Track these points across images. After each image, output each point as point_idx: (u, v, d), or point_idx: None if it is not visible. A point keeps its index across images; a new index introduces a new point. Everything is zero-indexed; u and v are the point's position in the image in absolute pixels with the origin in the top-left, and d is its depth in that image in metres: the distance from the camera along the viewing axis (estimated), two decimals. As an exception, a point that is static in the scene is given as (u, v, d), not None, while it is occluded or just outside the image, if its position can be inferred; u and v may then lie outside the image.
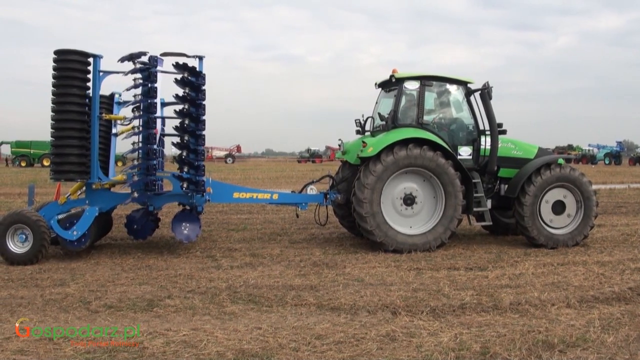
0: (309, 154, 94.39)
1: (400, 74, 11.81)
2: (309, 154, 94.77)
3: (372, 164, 11.03)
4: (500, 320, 6.87)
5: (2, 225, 10.24)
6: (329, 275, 9.17)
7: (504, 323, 6.75)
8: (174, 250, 11.36)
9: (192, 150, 10.77)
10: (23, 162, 67.86)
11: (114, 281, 8.90)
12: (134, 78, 10.61)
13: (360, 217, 11.03)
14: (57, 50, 10.38)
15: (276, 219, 16.20)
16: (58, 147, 10.50)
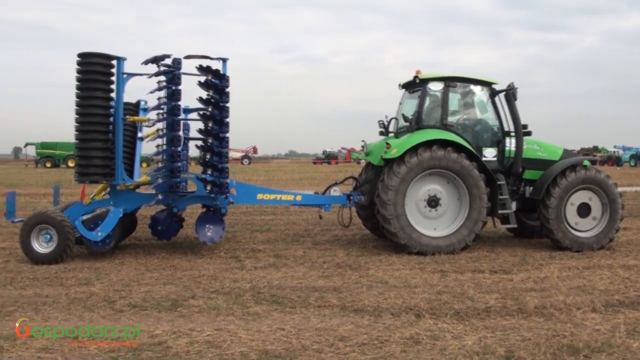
0: (325, 156, 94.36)
1: (424, 75, 11.75)
2: (325, 155, 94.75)
3: (396, 165, 10.98)
4: (525, 324, 6.80)
5: (27, 226, 10.36)
6: (353, 277, 9.14)
7: (528, 327, 6.68)
8: (198, 251, 11.41)
9: (216, 152, 10.80)
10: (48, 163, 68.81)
11: (138, 281, 8.96)
12: (158, 80, 10.67)
13: (384, 219, 10.98)
14: (81, 53, 10.47)
15: (299, 220, 16.19)
16: (83, 149, 10.58)
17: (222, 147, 10.84)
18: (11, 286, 8.74)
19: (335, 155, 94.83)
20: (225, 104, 10.77)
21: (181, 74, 10.56)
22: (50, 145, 70.96)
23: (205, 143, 10.83)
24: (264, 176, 41.53)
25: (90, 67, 10.42)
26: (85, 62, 10.43)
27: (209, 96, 10.72)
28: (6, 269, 9.89)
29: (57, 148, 69.76)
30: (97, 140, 10.51)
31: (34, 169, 64.70)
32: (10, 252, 11.26)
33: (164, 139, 10.74)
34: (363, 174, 12.71)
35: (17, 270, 9.78)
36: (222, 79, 10.72)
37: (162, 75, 10.56)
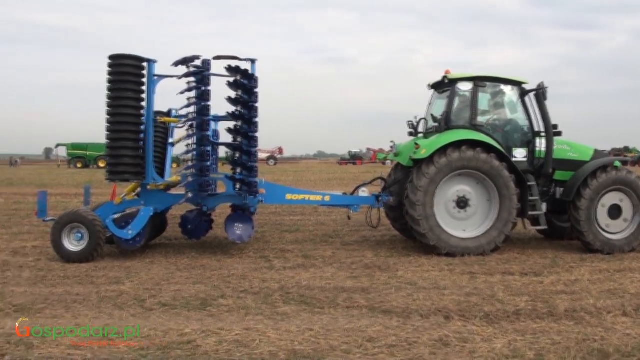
0: (350, 156, 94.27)
1: (453, 75, 11.67)
2: (350, 156, 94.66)
3: (425, 166, 10.92)
4: (555, 327, 6.70)
5: (58, 224, 10.50)
6: (381, 278, 9.11)
7: (558, 330, 6.58)
8: (228, 251, 11.46)
9: (245, 152, 10.85)
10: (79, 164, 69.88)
11: (168, 280, 9.03)
12: (188, 81, 10.77)
13: (413, 220, 10.92)
14: (112, 55, 10.59)
15: (328, 221, 16.19)
16: (114, 149, 10.70)
17: (251, 147, 10.88)
18: (42, 284, 8.86)
19: (361, 156, 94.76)
20: (254, 103, 10.81)
21: (210, 74, 10.64)
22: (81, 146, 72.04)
23: (234, 142, 10.90)
24: (293, 176, 41.63)
25: (122, 69, 10.54)
26: (117, 64, 10.55)
27: (238, 96, 10.77)
28: (37, 267, 10.04)
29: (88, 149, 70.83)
30: (127, 140, 10.63)
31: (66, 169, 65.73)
32: (42, 251, 11.42)
33: (193, 138, 10.85)
34: (392, 175, 12.66)
35: (48, 268, 9.92)
36: (251, 79, 10.77)
37: (192, 76, 10.66)
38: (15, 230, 14.56)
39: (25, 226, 15.26)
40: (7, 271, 9.69)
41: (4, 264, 10.23)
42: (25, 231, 14.31)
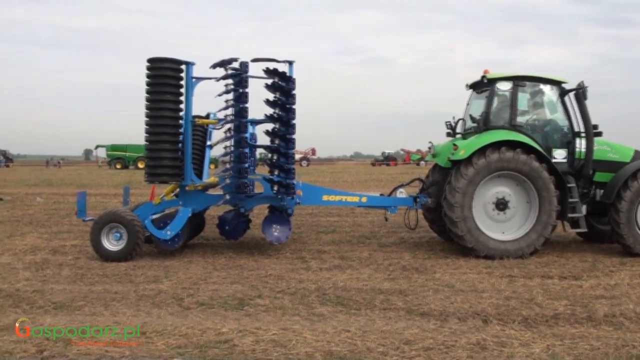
0: (384, 157, 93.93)
1: (492, 75, 11.56)
2: (384, 157, 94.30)
3: (464, 167, 10.84)
4: (594, 332, 6.60)
5: (98, 224, 10.68)
6: (419, 280, 9.08)
7: (597, 336, 6.48)
8: (265, 251, 11.54)
9: (283, 153, 10.92)
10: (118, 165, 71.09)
11: (206, 279, 9.13)
12: (226, 84, 10.90)
13: (451, 222, 10.86)
14: (151, 59, 10.76)
15: (365, 222, 16.18)
16: (152, 151, 10.87)
17: (289, 149, 10.94)
18: (81, 282, 9.03)
19: (394, 157, 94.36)
20: (292, 105, 10.87)
21: (248, 76, 10.74)
22: (121, 147, 73.24)
23: (272, 144, 10.98)
24: (329, 178, 41.66)
25: (160, 71, 10.70)
26: (156, 67, 10.73)
27: (275, 98, 10.85)
28: (76, 265, 10.24)
29: (127, 150, 72.00)
30: (166, 142, 10.79)
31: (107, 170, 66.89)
32: (81, 250, 11.64)
33: (231, 140, 10.97)
34: (430, 176, 12.60)
35: (87, 267, 10.11)
36: (289, 81, 10.83)
37: (230, 79, 10.78)
38: (55, 229, 14.87)
39: (65, 225, 15.57)
40: (46, 269, 9.91)
41: (44, 262, 10.46)
42: (64, 230, 14.61)
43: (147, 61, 10.75)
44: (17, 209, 19.91)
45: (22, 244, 12.48)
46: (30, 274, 9.50)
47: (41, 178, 44.69)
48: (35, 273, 9.61)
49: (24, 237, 13.51)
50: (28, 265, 10.23)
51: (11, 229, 14.76)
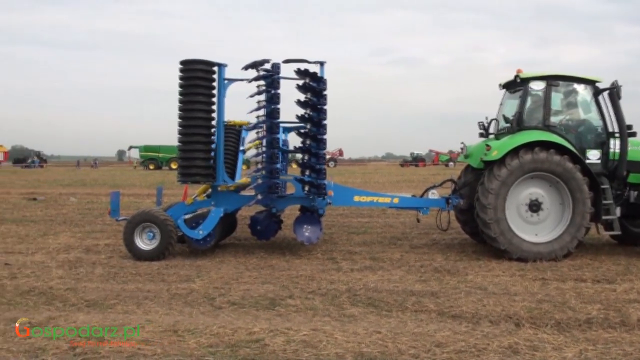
0: (412, 158, 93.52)
1: (525, 74, 11.47)
2: (412, 157, 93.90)
3: (497, 168, 10.77)
4: (627, 337, 6.50)
5: (131, 223, 10.84)
6: (451, 282, 9.05)
7: (631, 341, 6.39)
8: (296, 252, 11.59)
9: (314, 154, 10.98)
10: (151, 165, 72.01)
11: (237, 279, 9.21)
12: (258, 85, 11.00)
13: (484, 224, 10.79)
14: (184, 60, 10.89)
15: (397, 223, 16.16)
16: (185, 152, 11.01)
17: (320, 149, 10.99)
18: (114, 280, 9.18)
19: (423, 158, 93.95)
20: (323, 106, 10.92)
21: (280, 78, 10.82)
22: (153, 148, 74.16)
23: (303, 144, 11.05)
24: (361, 178, 41.67)
25: (193, 73, 10.82)
26: (188, 69, 10.85)
27: (307, 99, 10.90)
28: (109, 264, 10.40)
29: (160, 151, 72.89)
30: (199, 143, 10.90)
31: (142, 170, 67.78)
32: (114, 249, 11.82)
33: (263, 141, 11.06)
34: (462, 177, 12.52)
35: (120, 265, 10.27)
36: (320, 81, 10.88)
37: (262, 80, 10.87)
38: (88, 228, 15.13)
39: (98, 225, 15.84)
40: (79, 267, 10.09)
41: (77, 261, 10.65)
42: (98, 230, 14.85)
43: (180, 63, 10.89)
44: (50, 209, 20.29)
45: (56, 242, 12.72)
46: (64, 272, 9.68)
47: (75, 178, 45.45)
48: (69, 271, 9.79)
49: (57, 236, 13.76)
50: (61, 263, 10.43)
51: (45, 228, 15.05)
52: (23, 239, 13.35)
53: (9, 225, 15.74)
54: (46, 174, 56.58)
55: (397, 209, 15.86)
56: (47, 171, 68.82)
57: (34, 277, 9.32)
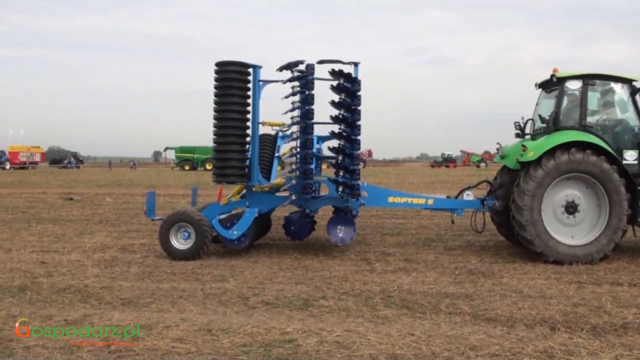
0: (443, 159, 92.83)
1: (561, 74, 11.35)
2: (443, 158, 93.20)
3: (533, 169, 10.67)
4: (665, 343, 6.43)
5: (166, 223, 11.00)
6: (485, 285, 9.00)
7: (667, 347, 6.31)
8: (329, 252, 11.64)
9: (348, 154, 11.00)
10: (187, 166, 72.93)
11: (271, 279, 9.30)
12: (292, 86, 11.09)
13: (520, 226, 10.70)
14: (219, 62, 11.02)
15: (431, 225, 16.11)
16: (220, 152, 11.13)
17: (354, 150, 11.01)
18: (149, 279, 9.34)
19: (454, 159, 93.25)
20: (357, 106, 10.95)
21: (314, 78, 10.88)
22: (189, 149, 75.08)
23: (337, 145, 11.09)
24: (395, 179, 41.54)
25: (228, 75, 10.94)
26: (223, 71, 10.97)
27: (341, 99, 10.94)
28: (145, 263, 10.58)
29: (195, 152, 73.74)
30: (234, 144, 11.01)
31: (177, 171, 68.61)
32: (149, 248, 12.01)
33: (297, 141, 11.13)
34: (498, 178, 12.42)
35: (155, 265, 10.43)
36: (354, 82, 10.92)
37: (296, 81, 10.95)
38: (124, 228, 15.37)
39: (134, 224, 16.09)
40: (115, 266, 10.29)
41: (113, 260, 10.84)
42: (133, 229, 15.08)
43: (215, 65, 11.02)
44: (87, 209, 20.65)
45: (92, 242, 12.96)
46: (99, 271, 9.88)
47: (111, 179, 46.13)
48: (104, 270, 9.98)
49: (93, 235, 14.02)
50: (97, 262, 10.63)
51: (81, 228, 15.34)
52: (59, 238, 13.62)
53: (45, 224, 16.07)
54: (82, 175, 57.58)
55: (431, 211, 15.82)
56: (84, 172, 70.02)
57: (70, 276, 9.53)
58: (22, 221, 16.77)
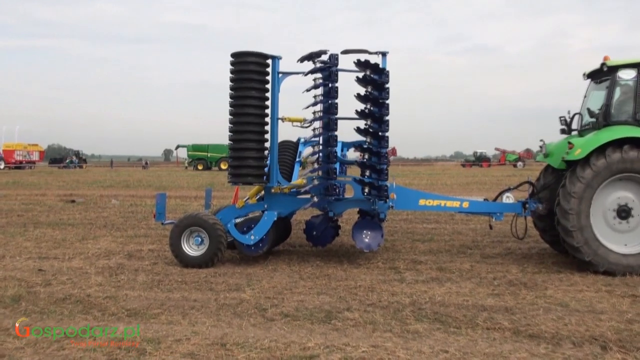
0: (475, 157, 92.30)
1: (613, 62, 11.17)
2: (475, 157, 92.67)
3: (580, 168, 10.51)
4: None
5: (178, 227, 11.01)
6: (528, 297, 8.89)
7: None
8: (355, 260, 11.59)
9: (375, 152, 10.94)
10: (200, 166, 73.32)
11: (291, 289, 9.27)
12: (314, 78, 11.02)
13: (566, 232, 10.55)
14: (235, 53, 11.02)
15: (466, 230, 16.02)
16: (236, 151, 11.11)
17: (382, 147, 10.95)
18: (158, 288, 9.35)
19: (488, 157, 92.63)
20: (385, 100, 10.88)
21: (338, 70, 10.82)
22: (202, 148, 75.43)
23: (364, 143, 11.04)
24: (426, 180, 41.47)
25: (245, 66, 10.93)
26: (240, 62, 10.96)
27: (367, 93, 10.88)
28: (154, 271, 10.61)
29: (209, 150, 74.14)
30: (251, 141, 10.99)
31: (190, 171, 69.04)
32: (159, 255, 12.06)
33: (319, 138, 11.07)
34: (541, 179, 12.29)
35: (165, 272, 10.46)
36: (382, 73, 10.85)
37: (318, 73, 10.89)
38: (131, 232, 15.46)
39: (142, 229, 16.18)
40: (121, 274, 10.33)
41: (119, 267, 10.89)
42: (141, 234, 15.16)
43: (231, 56, 11.02)
44: (90, 212, 20.83)
45: (95, 247, 13.04)
46: (103, 279, 9.92)
47: (117, 179, 46.50)
48: (109, 278, 10.02)
49: (97, 240, 14.12)
50: (101, 270, 10.68)
51: (84, 232, 15.46)
52: (59, 243, 13.73)
53: (44, 229, 16.21)
54: (86, 175, 58.16)
55: (467, 214, 15.72)
56: (87, 172, 70.72)
57: (70, 284, 9.57)
58: (18, 225, 16.94)
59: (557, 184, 11.22)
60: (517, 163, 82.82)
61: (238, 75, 10.96)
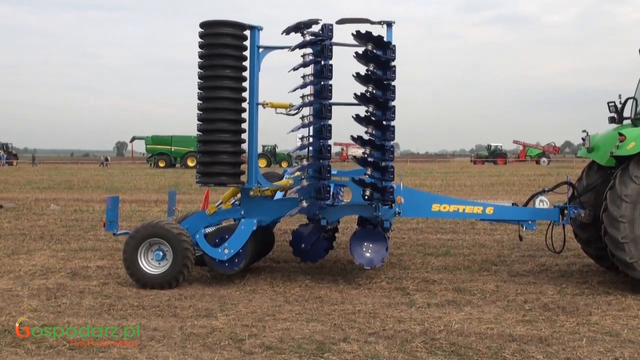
0: (489, 152, 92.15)
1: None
2: (489, 151, 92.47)
3: (634, 166, 10.54)
4: None
5: (133, 239, 10.97)
6: (567, 325, 8.91)
7: None
8: (353, 279, 11.62)
9: (378, 146, 10.93)
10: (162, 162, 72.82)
11: (274, 315, 9.29)
12: (303, 54, 10.92)
13: (615, 244, 10.56)
14: (205, 22, 10.99)
15: (490, 242, 16.08)
16: (207, 144, 11.11)
17: (387, 139, 10.93)
18: (109, 315, 9.35)
19: (504, 153, 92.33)
20: (391, 81, 10.89)
21: (333, 44, 10.79)
22: (164, 140, 74.76)
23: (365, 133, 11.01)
24: (441, 180, 41.58)
25: (217, 39, 10.90)
26: (211, 34, 10.92)
27: (368, 72, 10.85)
28: (103, 293, 10.61)
29: (173, 143, 73.47)
30: (225, 132, 10.98)
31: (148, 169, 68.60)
32: (110, 272, 12.08)
33: (309, 129, 11.00)
34: (584, 179, 12.31)
35: (118, 295, 10.46)
36: (387, 48, 10.85)
37: (308, 47, 10.83)
38: (75, 245, 15.43)
39: (89, 241, 16.17)
40: (62, 297, 10.32)
41: (59, 289, 10.87)
42: (88, 247, 15.14)
43: (200, 26, 10.98)
44: (22, 219, 20.81)
45: (29, 264, 13.01)
46: (39, 304, 9.90)
47: (57, 179, 46.37)
48: (46, 302, 10.00)
49: (31, 255, 14.09)
50: (36, 292, 10.66)
51: (14, 245, 15.42)
52: (-20, 259, 13.66)
53: (-44, 242, 16.09)
54: (17, 174, 58.05)
55: (491, 223, 15.76)
56: (19, 170, 70.63)
57: (-5, 311, 9.53)
58: None
59: (604, 185, 11.24)
60: (540, 159, 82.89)
61: (209, 51, 10.92)
